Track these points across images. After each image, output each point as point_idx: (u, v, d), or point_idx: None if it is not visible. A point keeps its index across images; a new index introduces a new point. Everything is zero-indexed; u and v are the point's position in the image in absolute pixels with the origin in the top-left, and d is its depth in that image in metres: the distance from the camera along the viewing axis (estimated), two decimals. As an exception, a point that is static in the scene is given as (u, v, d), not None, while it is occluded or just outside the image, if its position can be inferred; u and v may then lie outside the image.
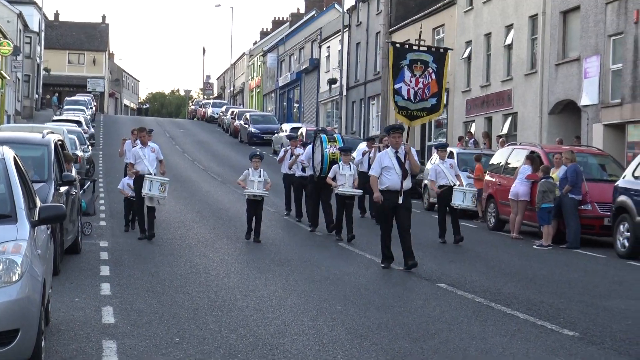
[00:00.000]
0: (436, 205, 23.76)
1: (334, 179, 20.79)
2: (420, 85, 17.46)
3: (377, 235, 17.26)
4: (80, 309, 11.79)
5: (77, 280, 14.11)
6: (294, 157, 24.51)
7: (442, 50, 18.61)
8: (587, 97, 34.45)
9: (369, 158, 24.43)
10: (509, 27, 41.90)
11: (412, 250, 16.22)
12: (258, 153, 22.43)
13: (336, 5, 78.28)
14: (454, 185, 21.15)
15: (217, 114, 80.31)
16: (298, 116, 79.89)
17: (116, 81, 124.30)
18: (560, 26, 37.28)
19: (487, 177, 25.58)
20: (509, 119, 41.71)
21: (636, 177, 20.19)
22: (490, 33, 43.80)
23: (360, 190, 21.90)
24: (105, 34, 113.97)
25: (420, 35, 18.58)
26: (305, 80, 79.64)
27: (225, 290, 13.77)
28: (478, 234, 23.35)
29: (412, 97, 17.49)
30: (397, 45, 18.47)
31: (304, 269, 16.23)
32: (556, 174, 21.81)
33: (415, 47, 18.08)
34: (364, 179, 22.12)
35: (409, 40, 43.09)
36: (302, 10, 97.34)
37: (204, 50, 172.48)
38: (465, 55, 46.20)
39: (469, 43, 46.01)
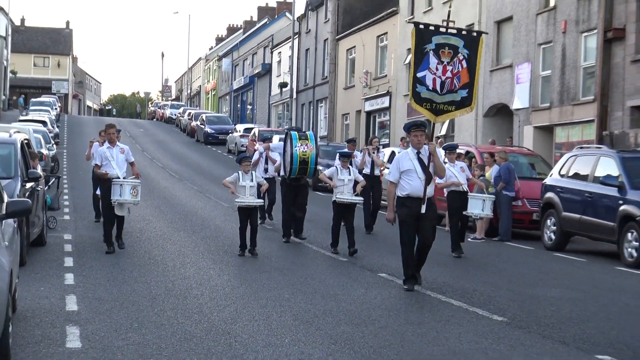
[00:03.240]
0: (445, 215, 20.77)
1: (331, 180, 17.95)
2: (449, 74, 13.99)
3: (326, 230, 17.26)
4: (45, 297, 11.78)
5: (42, 270, 14.08)
6: (277, 163, 21.33)
7: (474, 34, 14.69)
8: (519, 101, 34.83)
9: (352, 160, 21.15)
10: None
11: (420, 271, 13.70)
12: (247, 155, 19.37)
13: (287, 14, 78.34)
14: (467, 191, 18.48)
15: (175, 115, 79.92)
16: (251, 117, 79.78)
17: (79, 83, 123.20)
18: (494, 35, 37.60)
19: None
20: (447, 121, 41.99)
21: (562, 176, 20.49)
22: (430, 41, 43.99)
23: (362, 198, 18.86)
24: (69, 38, 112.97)
25: (448, 16, 14.89)
26: (258, 84, 79.55)
27: (181, 279, 13.80)
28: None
29: (438, 88, 13.99)
30: (421, 26, 14.42)
31: (255, 260, 16.27)
32: (489, 172, 22.04)
33: (442, 29, 14.25)
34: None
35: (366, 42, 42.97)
36: (255, 18, 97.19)
37: (162, 55, 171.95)
38: (407, 61, 46.37)
39: (410, 50, 46.22)
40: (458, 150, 24.59)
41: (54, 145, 38.83)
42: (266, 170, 22.28)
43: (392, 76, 48.52)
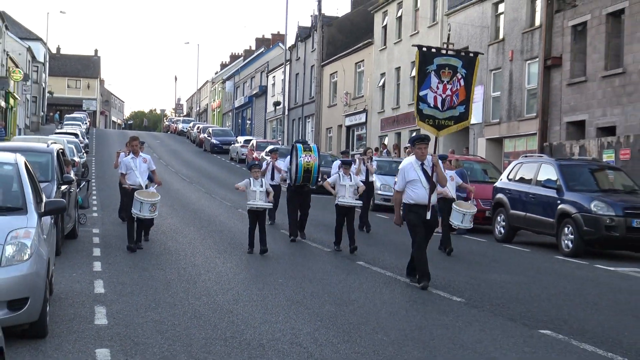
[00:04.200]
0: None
1: (334, 188, 16.89)
2: (449, 92, 13.20)
3: (320, 227, 17.18)
4: (77, 281, 11.71)
5: (74, 259, 14.00)
6: (282, 173, 20.68)
7: (472, 55, 13.75)
8: (474, 118, 34.83)
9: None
10: (414, 63, 42.19)
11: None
12: (257, 163, 18.22)
13: (280, 44, 78.26)
14: (454, 199, 17.31)
15: (186, 128, 79.67)
16: (250, 131, 79.63)
17: (106, 102, 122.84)
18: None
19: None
20: (414, 133, 42.02)
21: (510, 180, 20.50)
22: (399, 67, 44.08)
23: (361, 202, 17.90)
24: (98, 64, 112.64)
25: (448, 39, 14.18)
26: (256, 103, 79.42)
27: (191, 267, 13.75)
28: (389, 224, 23.35)
29: (439, 105, 13.24)
30: (424, 48, 13.46)
31: (255, 251, 16.23)
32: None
33: (443, 51, 13.54)
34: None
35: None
36: (254, 47, 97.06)
37: (175, 78, 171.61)
38: (381, 84, 46.43)
39: (383, 74, 46.25)
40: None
41: (84, 154, 38.68)
42: (272, 178, 21.29)
43: (368, 96, 48.52)
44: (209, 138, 60.76)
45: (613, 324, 10.00)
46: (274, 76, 72.30)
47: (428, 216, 12.25)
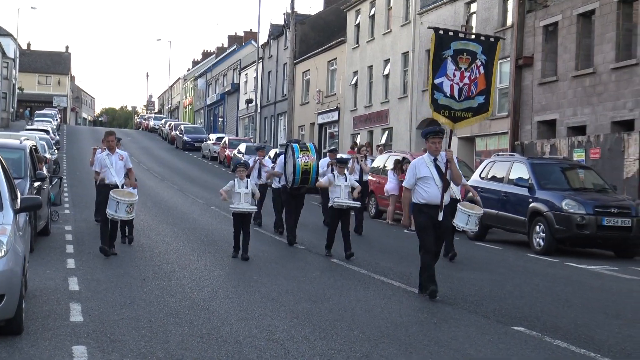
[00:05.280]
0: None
1: (328, 190, 16.02)
2: (466, 80, 11.87)
3: (305, 228, 17.04)
4: (50, 279, 11.64)
5: (47, 256, 13.91)
6: (270, 170, 19.85)
7: (492, 40, 12.34)
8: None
9: (333, 167, 17.91)
10: (387, 61, 42.32)
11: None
12: (243, 162, 16.80)
13: (252, 42, 78.17)
14: (459, 199, 15.58)
15: (158, 125, 79.36)
16: (222, 128, 79.45)
17: (77, 98, 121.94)
18: (425, 61, 37.76)
19: (370, 177, 25.74)
20: (386, 132, 42.13)
21: (482, 178, 20.61)
22: (372, 65, 44.18)
23: (359, 203, 16.52)
24: (68, 60, 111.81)
25: (467, 22, 12.53)
26: (228, 100, 79.25)
27: (165, 264, 13.71)
28: (367, 224, 23.46)
29: (456, 95, 11.88)
30: (441, 31, 12.06)
31: (228, 248, 16.11)
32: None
33: (461, 35, 12.14)
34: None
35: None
36: (226, 45, 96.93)
37: (147, 75, 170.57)
38: (353, 82, 46.50)
39: (355, 73, 46.32)
40: (395, 156, 24.79)
41: (56, 151, 38.40)
42: (260, 177, 20.47)
43: (341, 94, 48.59)
44: (181, 135, 60.56)
45: (585, 321, 10.11)
46: (246, 74, 72.16)
47: (440, 217, 11.12)
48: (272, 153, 32.26)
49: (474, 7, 33.58)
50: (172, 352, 7.68)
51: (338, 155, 18.80)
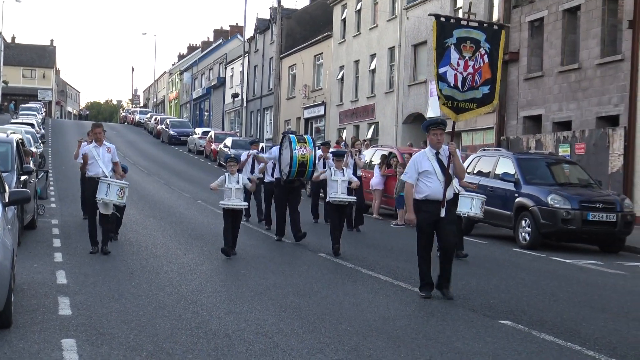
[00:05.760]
0: None
1: (325, 185, 15.60)
2: (470, 69, 11.24)
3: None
4: (38, 272, 11.63)
5: (35, 250, 13.89)
6: (262, 164, 19.09)
7: (496, 27, 11.64)
8: (432, 111, 35.04)
9: (325, 162, 18.92)
10: (373, 56, 42.37)
11: (450, 277, 11.04)
12: (233, 156, 15.77)
13: (238, 36, 78.09)
14: (458, 192, 13.76)
15: (143, 119, 79.17)
16: (208, 122, 79.34)
17: (62, 92, 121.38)
18: (411, 56, 37.85)
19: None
20: (372, 126, 42.20)
21: (468, 173, 20.62)
22: (358, 60, 44.22)
23: (355, 198, 16.29)
24: (53, 53, 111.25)
25: (470, 8, 12.57)
26: (214, 94, 79.14)
27: (153, 258, 13.71)
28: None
29: (459, 85, 11.27)
30: (442, 19, 11.41)
31: (215, 242, 16.18)
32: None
33: (464, 22, 11.48)
34: (318, 186, 20.25)
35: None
36: (212, 39, 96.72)
37: (132, 69, 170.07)
38: (339, 76, 46.54)
39: (342, 67, 46.37)
40: (382, 151, 24.84)
41: (41, 144, 38.29)
42: (252, 171, 19.81)
43: (327, 89, 48.61)
44: (167, 129, 60.46)
45: (571, 315, 10.18)
46: (232, 68, 72.08)
47: (442, 213, 10.65)
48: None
49: (459, 2, 33.67)
50: (161, 345, 7.70)
51: (331, 149, 18.39)
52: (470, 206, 14.82)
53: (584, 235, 17.89)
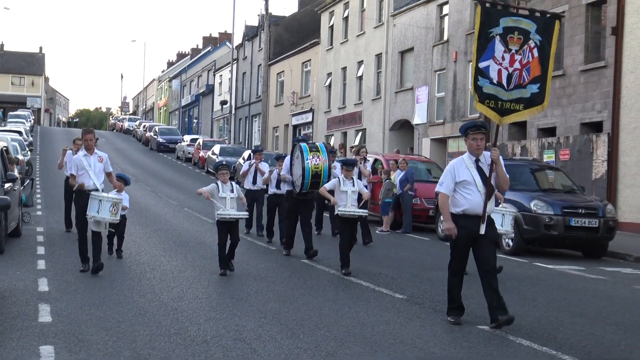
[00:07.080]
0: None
1: (333, 194, 14.13)
2: (517, 64, 9.69)
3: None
4: (20, 279, 11.66)
5: (18, 257, 13.91)
6: (267, 174, 18.32)
7: (549, 16, 10.05)
8: (419, 118, 35.24)
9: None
10: (360, 63, 42.51)
11: (504, 300, 9.49)
12: (224, 163, 13.83)
13: (227, 43, 78.24)
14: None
15: (132, 127, 79.15)
16: (197, 129, 79.35)
17: (50, 99, 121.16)
18: (398, 63, 37.99)
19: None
20: (360, 133, 42.31)
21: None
22: (346, 67, 44.35)
23: (366, 211, 14.78)
24: (42, 61, 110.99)
25: None
26: (203, 101, 79.18)
27: (136, 265, 13.74)
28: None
29: (504, 82, 9.70)
30: (488, 4, 9.69)
31: (198, 249, 16.24)
32: (394, 176, 22.23)
33: (512, 10, 10.00)
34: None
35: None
36: (200, 46, 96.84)
37: (122, 76, 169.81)
38: (327, 83, 46.66)
39: (329, 74, 46.49)
40: (368, 158, 24.88)
41: (29, 152, 38.21)
42: (255, 182, 19.08)
43: (315, 96, 48.72)
44: (156, 137, 60.43)
45: (550, 320, 10.26)
46: (220, 75, 72.15)
47: (482, 230, 9.30)
48: (245, 154, 32.38)
49: (446, 9, 33.82)
50: (139, 352, 7.74)
51: (338, 158, 17.03)
52: (501, 223, 13.35)
53: (567, 241, 17.99)
